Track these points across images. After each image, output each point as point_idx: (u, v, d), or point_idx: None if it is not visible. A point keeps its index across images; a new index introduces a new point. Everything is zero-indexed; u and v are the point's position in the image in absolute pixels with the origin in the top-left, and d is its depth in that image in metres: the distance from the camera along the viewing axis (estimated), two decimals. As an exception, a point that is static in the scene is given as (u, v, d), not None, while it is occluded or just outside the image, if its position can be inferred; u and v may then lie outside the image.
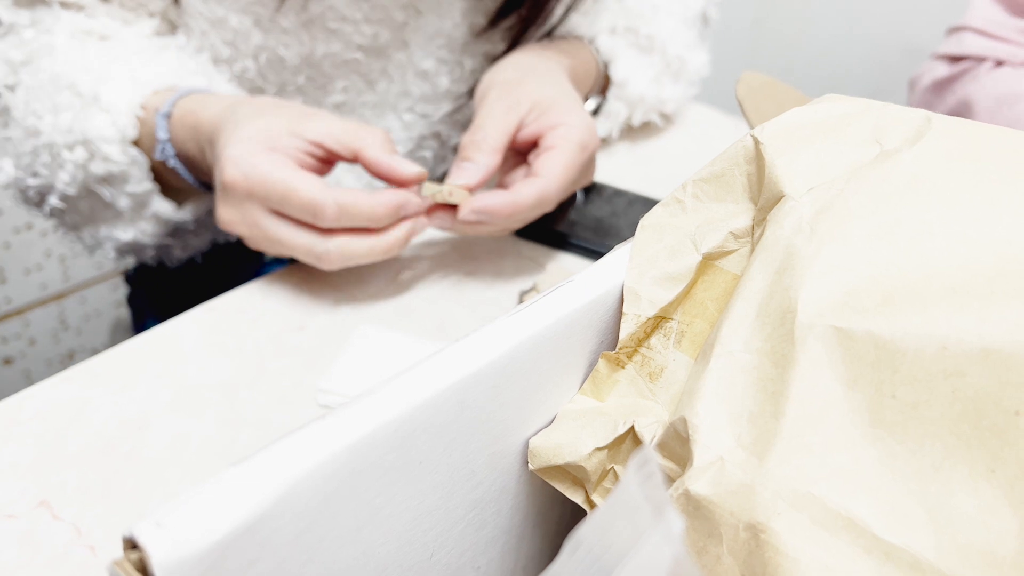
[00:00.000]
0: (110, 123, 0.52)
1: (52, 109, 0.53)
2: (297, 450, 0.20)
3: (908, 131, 0.25)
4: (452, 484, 0.24)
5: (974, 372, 0.20)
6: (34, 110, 0.54)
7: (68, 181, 0.54)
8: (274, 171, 0.46)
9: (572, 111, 0.52)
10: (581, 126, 0.51)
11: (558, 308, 0.25)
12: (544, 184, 0.49)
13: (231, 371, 0.46)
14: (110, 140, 0.52)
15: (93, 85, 0.53)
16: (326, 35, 0.61)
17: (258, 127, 0.47)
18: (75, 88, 0.53)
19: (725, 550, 0.21)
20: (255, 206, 0.47)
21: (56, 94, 0.53)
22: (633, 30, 0.69)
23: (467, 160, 0.50)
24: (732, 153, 0.27)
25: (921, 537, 0.20)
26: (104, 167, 0.53)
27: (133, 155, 0.53)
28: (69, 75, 0.53)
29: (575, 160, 0.50)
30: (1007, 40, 0.78)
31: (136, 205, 0.56)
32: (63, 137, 0.53)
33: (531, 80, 0.55)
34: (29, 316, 1.23)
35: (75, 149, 0.53)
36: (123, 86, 0.53)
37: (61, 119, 0.53)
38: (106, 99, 0.52)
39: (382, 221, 0.48)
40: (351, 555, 0.22)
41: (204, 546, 0.18)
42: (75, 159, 0.53)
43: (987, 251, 0.21)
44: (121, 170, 0.53)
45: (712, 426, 0.22)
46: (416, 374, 0.22)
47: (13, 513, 0.37)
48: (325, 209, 0.46)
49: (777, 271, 0.23)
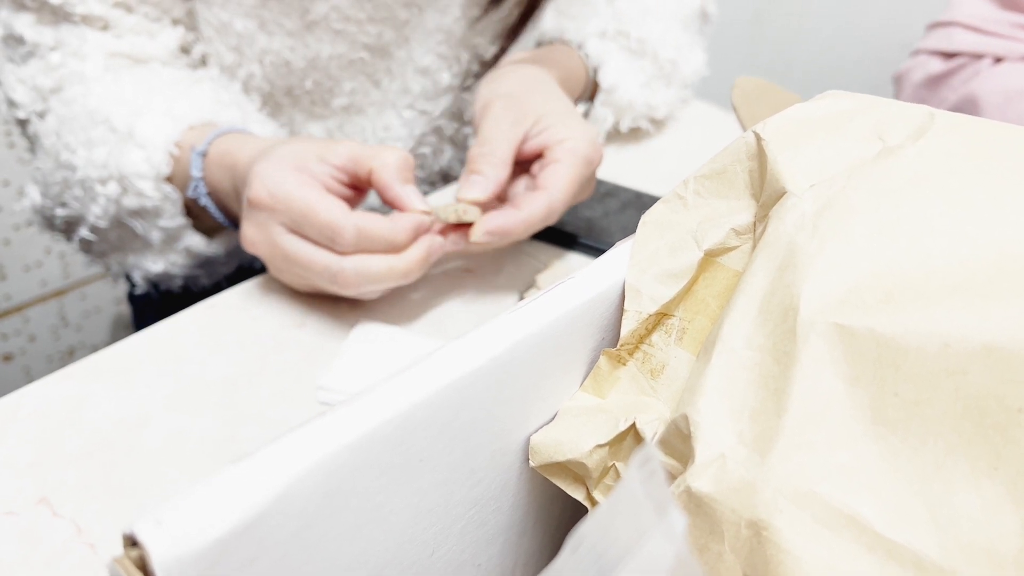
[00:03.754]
0: (144, 159, 0.52)
1: (86, 143, 0.53)
2: (297, 448, 0.19)
3: (911, 127, 0.25)
4: (453, 482, 0.24)
5: (976, 370, 0.20)
6: (67, 144, 0.53)
7: (100, 214, 0.54)
8: (297, 190, 0.46)
9: (576, 125, 0.52)
10: (585, 140, 0.51)
11: (559, 305, 0.25)
12: (551, 198, 0.49)
13: (231, 368, 0.46)
14: (144, 176, 0.52)
15: (128, 119, 0.52)
16: (331, 36, 0.61)
17: (288, 150, 0.47)
18: (110, 123, 0.52)
19: (727, 548, 0.21)
20: (276, 223, 0.47)
21: (91, 128, 0.53)
22: (624, 33, 0.69)
23: (477, 173, 0.50)
24: (734, 149, 0.27)
25: (923, 535, 0.20)
26: (137, 202, 0.53)
27: (166, 191, 0.53)
28: (104, 109, 0.53)
29: (579, 173, 0.51)
30: (1000, 35, 0.78)
31: (168, 238, 0.56)
32: (97, 172, 0.52)
33: (535, 94, 0.55)
34: (29, 313, 1.23)
35: (108, 184, 0.53)
36: (158, 121, 0.53)
37: (95, 154, 0.52)
38: (141, 135, 0.52)
39: (402, 246, 0.47)
40: (351, 553, 0.22)
41: (204, 543, 0.18)
42: (108, 193, 0.53)
43: (990, 248, 0.21)
44: (154, 205, 0.53)
45: (714, 423, 0.22)
46: (416, 372, 0.22)
47: (13, 510, 0.37)
48: (344, 231, 0.45)
49: (779, 268, 0.23)
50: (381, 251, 0.47)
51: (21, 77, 0.56)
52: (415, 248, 0.47)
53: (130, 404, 0.43)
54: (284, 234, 0.47)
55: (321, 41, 0.61)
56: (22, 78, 0.56)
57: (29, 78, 0.56)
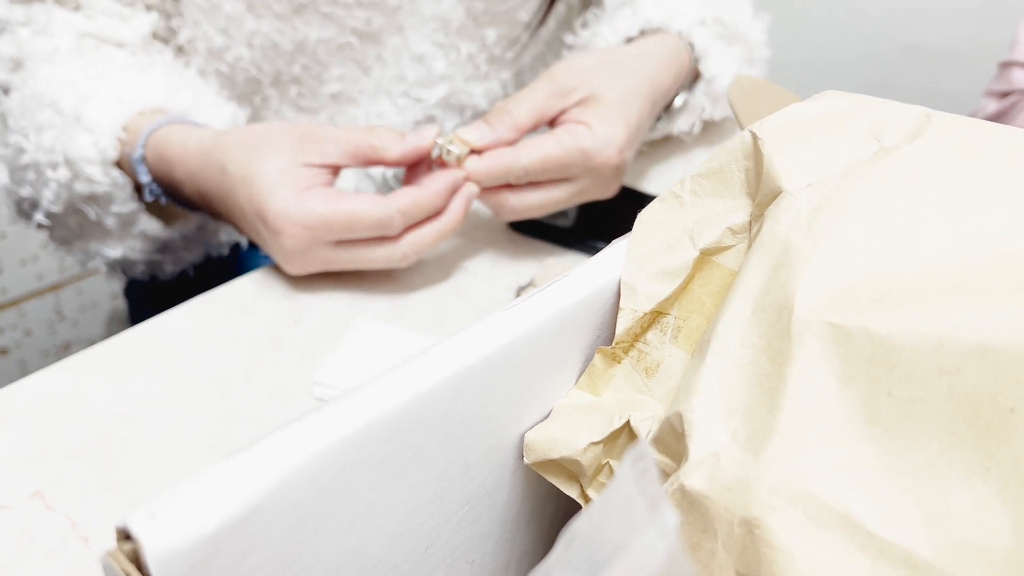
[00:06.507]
0: (91, 144, 0.51)
1: (35, 127, 0.52)
2: (291, 442, 0.19)
3: (907, 128, 0.25)
4: (447, 478, 0.24)
5: (970, 370, 0.20)
6: (20, 127, 0.53)
7: (52, 199, 0.54)
8: (327, 208, 0.46)
9: (608, 119, 0.51)
10: (600, 136, 0.50)
11: (555, 303, 0.25)
12: (513, 157, 0.50)
13: (227, 364, 0.46)
14: (92, 161, 0.52)
15: (76, 103, 0.52)
16: (320, 19, 0.61)
17: (270, 174, 0.47)
18: (56, 106, 0.52)
19: (720, 545, 0.21)
20: (321, 247, 0.48)
21: (38, 111, 0.53)
22: (720, 20, 0.67)
23: (485, 123, 0.51)
24: (730, 148, 0.27)
25: (916, 534, 0.20)
26: (88, 187, 0.53)
27: (114, 176, 0.53)
28: (50, 93, 0.53)
29: (565, 157, 0.50)
30: None
31: (123, 224, 0.56)
32: (46, 156, 0.52)
33: (603, 73, 0.54)
34: (25, 307, 1.23)
35: (58, 169, 0.52)
36: (107, 105, 0.52)
37: (44, 138, 0.52)
38: (88, 119, 0.52)
39: (443, 207, 0.50)
40: (345, 548, 0.22)
41: (197, 537, 0.18)
42: (58, 178, 0.52)
43: (985, 248, 0.21)
44: (104, 191, 0.53)
45: (707, 421, 0.22)
46: (411, 368, 0.22)
47: (7, 504, 0.37)
48: (392, 221, 0.47)
49: (774, 267, 0.23)
50: (424, 216, 0.49)
51: None
52: (456, 205, 0.50)
53: (125, 399, 0.43)
54: (333, 251, 0.48)
55: (309, 24, 0.61)
56: None
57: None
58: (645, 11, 0.64)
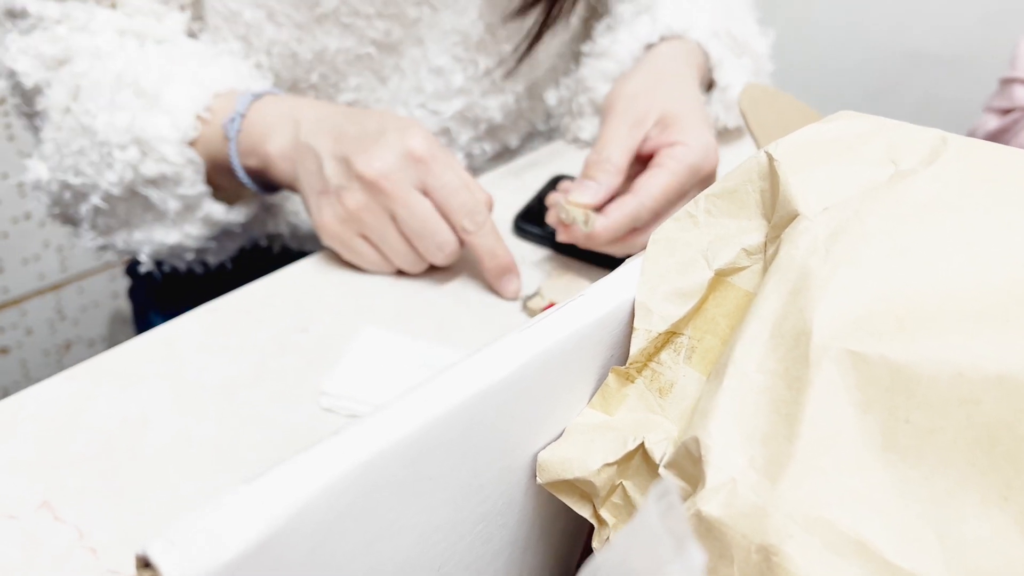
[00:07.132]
0: (170, 124, 0.52)
1: (108, 107, 0.53)
2: (311, 467, 0.19)
3: (923, 151, 0.25)
4: (461, 498, 0.24)
5: (989, 399, 0.20)
6: (87, 109, 0.54)
7: (115, 181, 0.54)
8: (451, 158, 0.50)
9: (693, 129, 0.52)
10: (698, 147, 0.51)
11: (570, 323, 0.25)
12: (638, 203, 0.50)
13: (233, 371, 0.45)
14: (168, 140, 0.52)
15: (156, 85, 0.53)
16: (340, 30, 0.61)
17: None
18: (137, 86, 0.53)
19: (736, 572, 0.21)
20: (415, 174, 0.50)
21: (116, 92, 0.53)
22: (730, 33, 0.69)
23: (591, 179, 0.51)
24: (746, 169, 0.27)
25: (932, 562, 0.20)
26: (156, 168, 0.53)
27: (190, 156, 0.53)
28: (131, 73, 0.53)
29: (680, 182, 0.51)
30: None
31: (185, 208, 0.56)
32: (117, 136, 0.52)
33: (660, 90, 0.55)
34: (26, 306, 1.23)
35: (127, 149, 0.53)
36: (186, 88, 0.53)
37: (117, 118, 0.52)
38: (168, 100, 0.53)
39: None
40: (361, 570, 0.22)
41: (218, 564, 0.17)
42: (126, 158, 0.53)
43: (1004, 275, 0.21)
44: (175, 171, 0.53)
45: (725, 447, 0.22)
46: (429, 390, 0.22)
47: (14, 514, 0.37)
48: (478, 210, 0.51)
49: (792, 292, 0.23)
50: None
51: (23, 48, 0.56)
52: None
53: (132, 407, 0.43)
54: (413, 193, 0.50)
55: (329, 34, 0.61)
56: (24, 48, 0.56)
57: (33, 48, 0.56)
58: (664, 19, 0.65)
